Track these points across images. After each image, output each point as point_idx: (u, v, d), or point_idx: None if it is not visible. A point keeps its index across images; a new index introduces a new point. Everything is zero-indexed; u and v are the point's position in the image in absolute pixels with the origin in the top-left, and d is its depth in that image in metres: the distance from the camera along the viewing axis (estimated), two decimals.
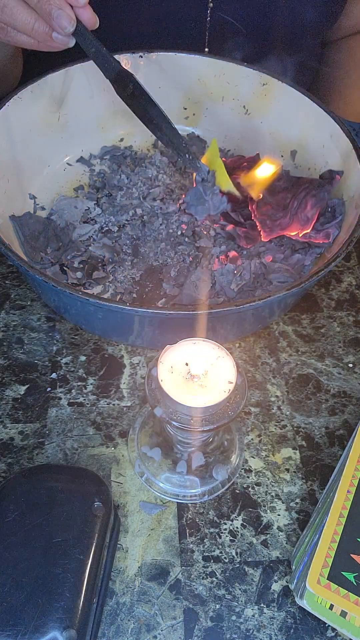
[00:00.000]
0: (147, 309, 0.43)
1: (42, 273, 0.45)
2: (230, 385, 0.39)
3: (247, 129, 0.69)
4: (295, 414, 0.52)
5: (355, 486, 0.43)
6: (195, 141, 0.71)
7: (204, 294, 0.55)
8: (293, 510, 0.46)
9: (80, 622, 0.35)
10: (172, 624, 0.41)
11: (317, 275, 0.46)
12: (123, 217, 0.62)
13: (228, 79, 0.67)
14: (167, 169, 0.68)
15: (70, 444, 0.49)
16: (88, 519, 0.39)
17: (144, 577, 0.43)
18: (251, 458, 0.49)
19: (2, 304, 0.58)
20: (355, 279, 0.62)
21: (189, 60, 0.66)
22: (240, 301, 0.45)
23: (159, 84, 0.68)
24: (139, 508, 0.46)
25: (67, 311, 0.53)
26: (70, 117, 0.66)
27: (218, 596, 0.42)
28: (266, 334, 0.57)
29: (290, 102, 0.64)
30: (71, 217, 0.62)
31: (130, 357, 0.55)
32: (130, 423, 0.50)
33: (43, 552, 0.37)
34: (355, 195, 0.55)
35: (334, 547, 0.40)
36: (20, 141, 0.61)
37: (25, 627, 0.34)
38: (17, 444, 0.49)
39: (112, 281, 0.57)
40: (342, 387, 0.54)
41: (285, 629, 0.41)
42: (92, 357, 0.54)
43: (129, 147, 0.70)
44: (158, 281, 0.57)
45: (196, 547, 0.44)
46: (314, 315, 0.59)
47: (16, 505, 0.39)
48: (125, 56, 0.65)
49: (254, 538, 0.45)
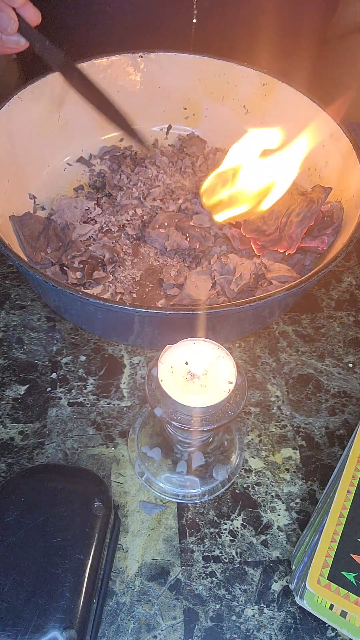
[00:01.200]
0: (147, 309, 0.43)
1: (42, 273, 0.45)
2: (230, 385, 0.39)
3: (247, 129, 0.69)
4: (295, 414, 0.52)
5: (355, 486, 0.43)
6: (195, 141, 0.71)
7: (204, 294, 0.55)
8: (293, 510, 0.46)
9: (80, 622, 0.35)
10: (172, 624, 0.41)
11: (317, 275, 0.46)
12: (123, 217, 0.62)
13: (228, 79, 0.67)
14: (167, 169, 0.68)
15: (70, 444, 0.49)
16: (88, 519, 0.39)
17: (144, 577, 0.43)
18: (251, 458, 0.49)
19: (2, 304, 0.58)
20: (355, 279, 0.62)
21: (189, 60, 0.66)
22: (240, 301, 0.45)
23: (159, 84, 0.68)
24: (139, 508, 0.46)
25: (67, 311, 0.53)
26: (70, 117, 0.66)
27: (218, 596, 0.42)
28: (266, 334, 0.57)
29: (290, 102, 0.64)
30: (71, 217, 0.61)
31: (130, 357, 0.55)
32: (130, 423, 0.50)
33: (43, 552, 0.37)
34: (355, 195, 0.55)
35: (334, 547, 0.40)
36: (20, 141, 0.61)
37: (25, 627, 0.34)
38: (17, 444, 0.49)
39: (112, 281, 0.57)
40: (342, 387, 0.54)
41: (285, 629, 0.41)
42: (92, 357, 0.54)
43: (129, 147, 0.70)
44: (158, 281, 0.57)
45: (196, 547, 0.44)
46: (314, 315, 0.59)
47: (16, 505, 0.39)
48: (125, 56, 0.65)
49: (254, 538, 0.45)
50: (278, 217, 0.56)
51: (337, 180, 0.60)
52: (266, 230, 0.56)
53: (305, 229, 0.55)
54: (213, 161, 0.69)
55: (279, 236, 0.56)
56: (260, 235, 0.56)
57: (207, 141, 0.71)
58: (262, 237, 0.56)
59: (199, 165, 0.69)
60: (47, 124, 0.64)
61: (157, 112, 0.70)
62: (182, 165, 0.68)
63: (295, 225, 0.55)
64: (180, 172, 0.68)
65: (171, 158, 0.69)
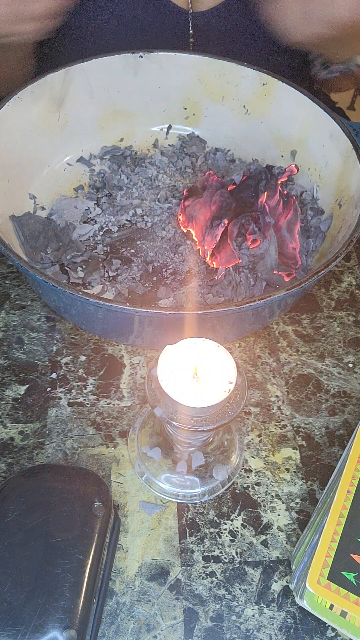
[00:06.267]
0: (147, 309, 0.43)
1: (42, 273, 0.45)
2: (230, 385, 0.39)
3: (247, 129, 0.69)
4: (295, 414, 0.52)
5: (355, 486, 0.43)
6: (195, 141, 0.71)
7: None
8: (293, 510, 0.46)
9: (80, 622, 0.35)
10: (172, 624, 0.41)
11: (317, 275, 0.46)
12: (123, 217, 0.62)
13: (228, 79, 0.67)
14: (167, 169, 0.68)
15: (70, 444, 0.49)
16: (88, 519, 0.39)
17: (144, 577, 0.43)
18: (251, 458, 0.49)
19: (2, 304, 0.58)
20: (355, 279, 0.62)
21: (189, 60, 0.66)
22: (240, 301, 0.45)
23: (159, 84, 0.68)
24: (139, 508, 0.46)
25: (67, 311, 0.53)
26: (70, 117, 0.66)
27: (218, 596, 0.42)
28: (266, 334, 0.57)
29: (290, 102, 0.64)
30: (71, 217, 0.62)
31: (130, 357, 0.55)
32: (130, 423, 0.50)
33: (43, 552, 0.37)
34: (355, 195, 0.55)
35: (334, 547, 0.40)
36: (20, 141, 0.61)
37: (25, 627, 0.34)
38: (17, 444, 0.49)
39: (112, 281, 0.57)
40: (342, 387, 0.54)
41: (285, 629, 0.41)
42: (92, 357, 0.54)
43: (129, 147, 0.70)
44: (158, 281, 0.57)
45: (196, 547, 0.44)
46: (314, 315, 0.59)
47: (16, 505, 0.39)
48: (125, 56, 0.65)
49: (254, 538, 0.45)
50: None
51: (337, 180, 0.60)
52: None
53: (246, 237, 0.55)
54: (213, 161, 0.69)
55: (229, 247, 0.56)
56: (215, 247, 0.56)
57: (207, 141, 0.71)
58: (217, 250, 0.56)
59: (199, 165, 0.69)
60: (47, 124, 0.64)
61: (157, 112, 0.70)
62: (182, 165, 0.68)
63: (230, 236, 0.55)
64: (180, 172, 0.68)
65: (171, 158, 0.69)
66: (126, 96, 0.68)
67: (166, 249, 0.59)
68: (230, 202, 0.56)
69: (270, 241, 0.55)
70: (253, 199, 0.57)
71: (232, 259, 0.55)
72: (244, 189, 0.57)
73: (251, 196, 0.57)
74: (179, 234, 0.60)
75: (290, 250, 0.57)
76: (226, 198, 0.56)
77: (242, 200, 0.57)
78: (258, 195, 0.56)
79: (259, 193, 0.56)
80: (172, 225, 0.61)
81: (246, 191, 0.57)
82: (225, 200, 0.56)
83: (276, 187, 0.56)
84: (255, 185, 0.57)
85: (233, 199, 0.56)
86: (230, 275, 0.55)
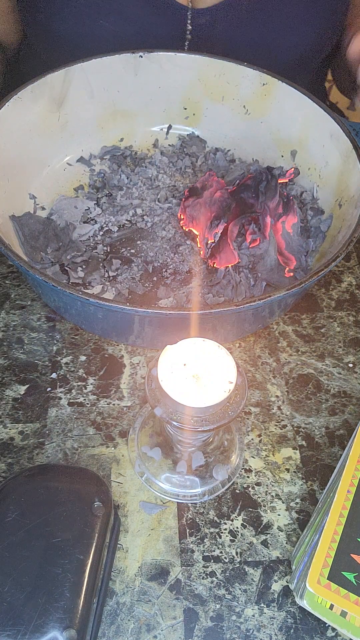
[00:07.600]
0: (147, 309, 0.43)
1: (42, 273, 0.45)
2: (230, 385, 0.39)
3: (247, 129, 0.69)
4: (296, 414, 0.52)
5: (355, 486, 0.43)
6: (195, 141, 0.71)
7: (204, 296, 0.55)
8: (293, 510, 0.46)
9: (80, 622, 0.35)
10: (172, 624, 0.41)
11: (317, 275, 0.46)
12: (123, 217, 0.62)
13: (228, 79, 0.67)
14: (167, 169, 0.68)
15: (70, 444, 0.49)
16: (88, 519, 0.39)
17: (144, 577, 0.43)
18: (251, 458, 0.49)
19: (2, 304, 0.58)
20: (355, 279, 0.62)
21: (189, 60, 0.66)
22: (240, 301, 0.45)
23: (159, 84, 0.68)
24: (139, 508, 0.46)
25: (67, 311, 0.53)
26: (70, 117, 0.66)
27: (218, 596, 0.42)
28: (266, 334, 0.57)
29: (290, 102, 0.64)
30: (71, 217, 0.62)
31: (130, 357, 0.55)
32: (130, 423, 0.50)
33: (43, 552, 0.37)
34: (355, 195, 0.55)
35: (334, 547, 0.40)
36: (20, 141, 0.61)
37: (25, 627, 0.34)
38: (17, 444, 0.49)
39: (112, 281, 0.57)
40: (342, 387, 0.54)
41: (285, 629, 0.41)
42: (92, 357, 0.54)
43: (129, 147, 0.70)
44: (158, 281, 0.57)
45: (196, 547, 0.44)
46: (314, 315, 0.59)
47: (16, 505, 0.39)
48: (125, 56, 0.65)
49: (254, 538, 0.45)
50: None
51: (337, 180, 0.60)
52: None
53: (246, 238, 0.55)
54: (213, 161, 0.69)
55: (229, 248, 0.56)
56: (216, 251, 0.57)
57: (207, 141, 0.71)
58: (217, 251, 0.57)
59: (199, 165, 0.69)
60: (47, 124, 0.64)
61: (157, 112, 0.70)
62: (182, 165, 0.68)
63: (231, 238, 0.55)
64: (180, 172, 0.68)
65: (171, 158, 0.69)
66: (126, 96, 0.68)
67: (166, 249, 0.59)
68: (230, 202, 0.56)
69: (270, 241, 0.55)
70: (253, 199, 0.57)
71: (232, 259, 0.55)
72: (244, 190, 0.57)
73: (251, 197, 0.57)
74: (179, 234, 0.60)
75: (287, 251, 0.57)
76: (226, 198, 0.56)
77: (242, 200, 0.57)
78: (258, 196, 0.56)
79: (259, 194, 0.56)
80: (172, 225, 0.61)
81: (246, 192, 0.57)
82: (225, 200, 0.56)
83: (276, 188, 0.56)
84: (256, 186, 0.57)
85: (233, 200, 0.56)
86: (230, 275, 0.55)
